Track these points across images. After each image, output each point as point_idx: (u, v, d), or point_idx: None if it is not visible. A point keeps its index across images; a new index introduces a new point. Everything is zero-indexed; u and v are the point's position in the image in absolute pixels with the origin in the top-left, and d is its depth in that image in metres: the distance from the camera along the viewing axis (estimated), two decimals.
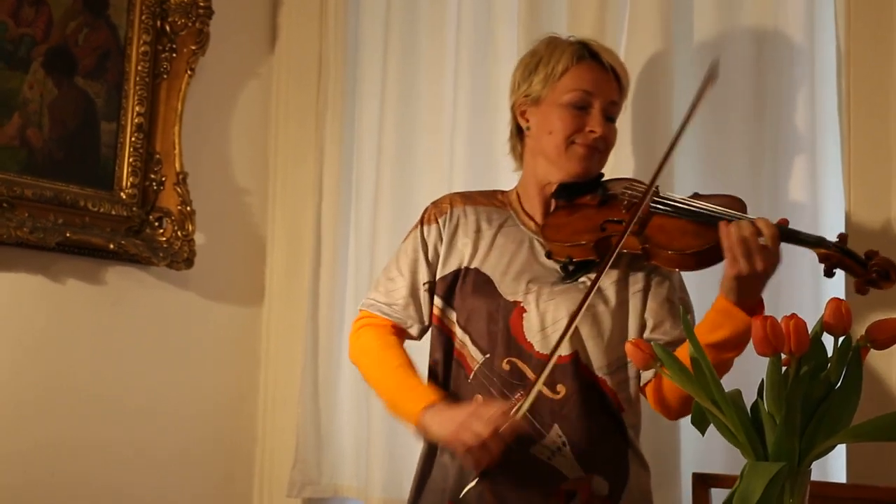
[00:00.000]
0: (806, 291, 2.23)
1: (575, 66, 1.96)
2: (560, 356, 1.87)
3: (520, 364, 1.91)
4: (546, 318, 1.91)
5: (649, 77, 2.37)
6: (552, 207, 2.00)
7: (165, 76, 2.80)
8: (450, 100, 2.72)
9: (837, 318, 1.38)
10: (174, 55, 2.80)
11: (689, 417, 1.54)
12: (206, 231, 2.88)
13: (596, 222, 1.91)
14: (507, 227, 2.02)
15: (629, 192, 1.95)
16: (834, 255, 1.76)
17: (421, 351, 2.54)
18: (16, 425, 2.50)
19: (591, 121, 1.95)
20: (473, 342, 1.95)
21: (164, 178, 2.79)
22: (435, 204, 2.10)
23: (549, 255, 1.95)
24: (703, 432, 1.51)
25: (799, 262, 2.25)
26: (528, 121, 2.02)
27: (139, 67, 2.75)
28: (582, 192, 1.97)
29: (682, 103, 2.37)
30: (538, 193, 2.02)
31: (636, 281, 1.95)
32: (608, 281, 1.93)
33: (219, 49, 2.89)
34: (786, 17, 2.31)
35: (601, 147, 1.97)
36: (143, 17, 2.76)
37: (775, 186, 2.31)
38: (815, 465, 1.41)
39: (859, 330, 1.42)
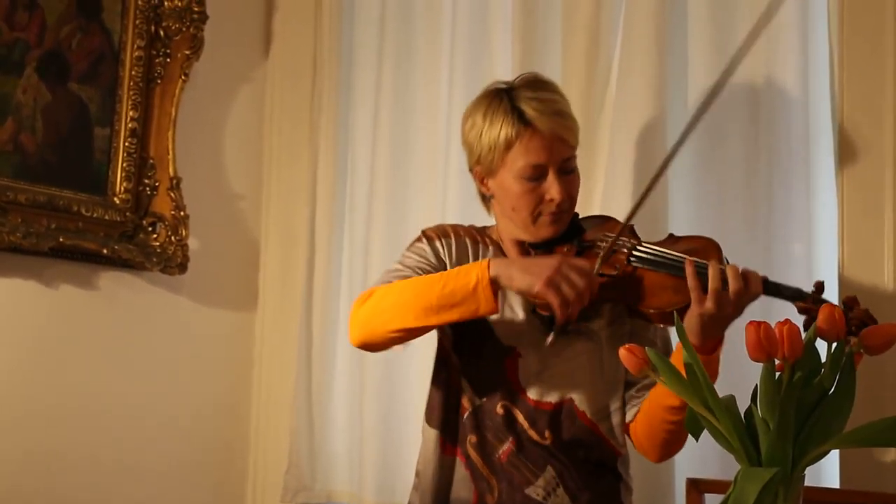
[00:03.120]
0: None
1: (517, 139, 1.87)
2: (550, 403, 1.89)
3: (514, 410, 1.91)
4: (539, 365, 1.90)
5: (643, 79, 2.37)
6: (531, 255, 1.96)
7: (159, 81, 2.79)
8: (444, 104, 2.72)
9: (831, 324, 1.39)
10: (168, 60, 2.80)
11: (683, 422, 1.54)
12: (200, 236, 2.88)
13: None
14: None
15: (603, 242, 1.90)
16: (813, 308, 1.68)
17: (416, 359, 2.53)
18: (9, 430, 2.49)
19: (549, 189, 1.88)
20: (469, 383, 1.93)
21: (157, 183, 2.78)
22: (436, 227, 2.03)
23: (534, 310, 1.90)
24: (696, 438, 1.52)
25: (792, 266, 2.26)
26: (488, 188, 1.97)
27: (133, 72, 2.74)
28: (559, 241, 1.94)
29: (677, 105, 2.38)
30: (514, 245, 1.99)
31: (623, 323, 1.93)
32: (602, 323, 1.92)
33: (213, 54, 2.89)
34: (778, 24, 2.31)
35: (566, 206, 1.91)
36: (138, 22, 2.75)
37: (770, 195, 2.31)
38: (808, 471, 1.41)
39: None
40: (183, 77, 2.81)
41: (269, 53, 3.13)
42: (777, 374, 1.36)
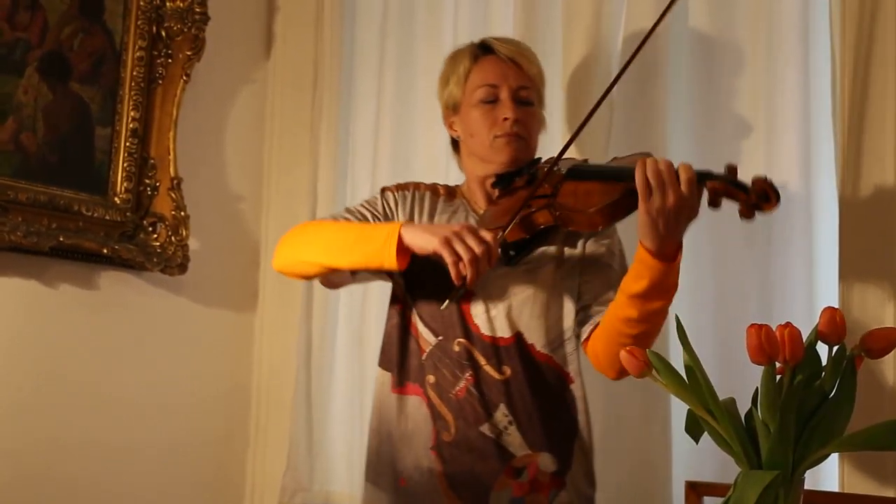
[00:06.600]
0: (800, 300, 2.23)
1: (475, 64, 2.06)
2: (503, 338, 1.96)
3: (468, 346, 1.97)
4: (490, 302, 1.98)
5: (642, 82, 2.37)
6: (495, 197, 2.06)
7: (161, 81, 2.80)
8: None
9: (832, 327, 1.39)
10: (170, 61, 2.80)
11: (682, 425, 1.54)
12: (200, 236, 2.88)
13: (522, 200, 1.94)
14: (458, 214, 2.09)
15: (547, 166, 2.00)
16: (720, 185, 1.76)
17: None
18: (7, 429, 2.49)
19: (501, 109, 2.01)
20: (425, 324, 2.01)
21: (158, 184, 2.78)
22: (396, 183, 2.16)
23: None
24: (696, 440, 1.52)
25: (792, 270, 2.26)
26: (455, 130, 2.11)
27: (134, 72, 2.74)
28: (517, 174, 2.03)
29: (676, 105, 2.38)
30: (480, 188, 2.09)
31: (571, 256, 2.01)
32: (551, 254, 1.99)
33: (214, 55, 2.89)
34: (780, 19, 2.31)
35: (521, 132, 2.02)
36: (139, 23, 2.76)
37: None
38: (808, 474, 1.41)
39: (854, 339, 1.43)
40: (184, 78, 2.81)
41: (271, 55, 3.13)
42: (778, 377, 1.36)
